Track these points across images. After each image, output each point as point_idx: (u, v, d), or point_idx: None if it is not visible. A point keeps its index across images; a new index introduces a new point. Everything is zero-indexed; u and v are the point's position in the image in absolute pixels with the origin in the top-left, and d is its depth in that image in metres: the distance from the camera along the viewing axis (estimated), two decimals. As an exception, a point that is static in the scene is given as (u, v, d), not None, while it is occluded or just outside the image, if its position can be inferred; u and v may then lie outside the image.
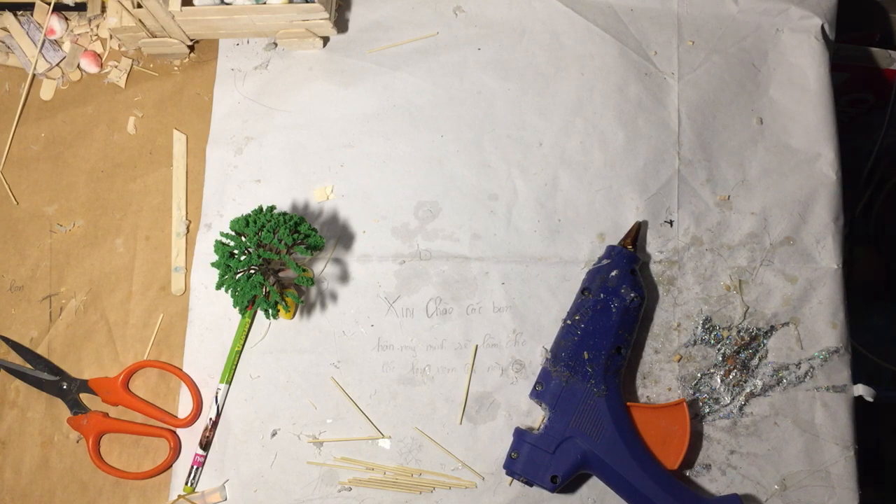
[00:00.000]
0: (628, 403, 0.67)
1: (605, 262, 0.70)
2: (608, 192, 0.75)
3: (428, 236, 0.75)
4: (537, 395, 0.68)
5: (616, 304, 0.68)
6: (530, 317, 0.72)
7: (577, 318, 0.68)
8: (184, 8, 0.73)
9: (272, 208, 0.69)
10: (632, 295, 0.68)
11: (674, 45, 0.78)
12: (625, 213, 0.74)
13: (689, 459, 0.69)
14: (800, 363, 0.71)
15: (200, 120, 0.79)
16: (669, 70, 0.77)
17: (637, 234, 0.71)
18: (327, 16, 0.75)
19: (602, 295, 0.68)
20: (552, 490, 0.66)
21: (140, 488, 0.72)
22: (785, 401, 0.70)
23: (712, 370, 0.71)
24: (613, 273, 0.69)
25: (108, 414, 0.73)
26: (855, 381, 0.70)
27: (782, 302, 0.72)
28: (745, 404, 0.70)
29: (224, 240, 0.68)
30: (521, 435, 0.67)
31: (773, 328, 0.72)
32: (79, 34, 0.82)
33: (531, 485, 0.66)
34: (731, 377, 0.71)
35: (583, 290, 0.70)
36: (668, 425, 0.66)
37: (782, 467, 0.69)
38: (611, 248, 0.71)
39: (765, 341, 0.71)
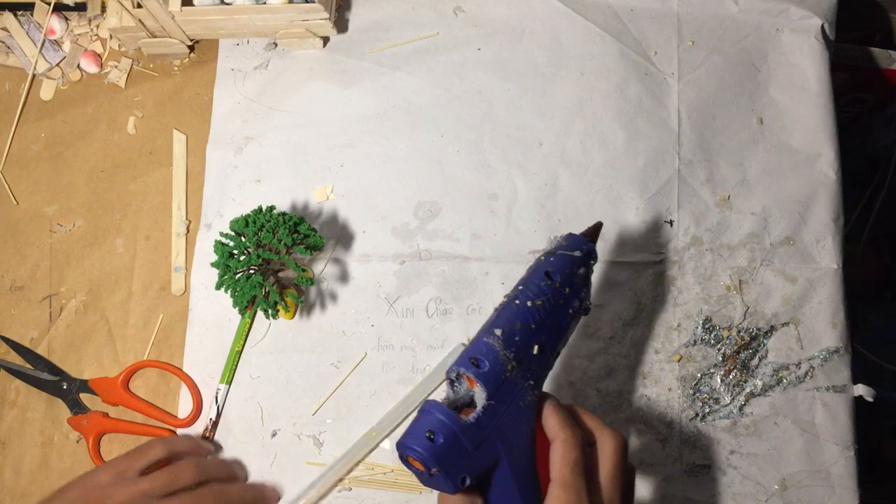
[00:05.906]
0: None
1: (576, 253, 0.57)
2: (608, 192, 0.75)
3: (428, 236, 0.75)
4: (478, 375, 0.50)
5: (574, 305, 0.56)
6: (530, 317, 0.72)
7: (538, 303, 0.54)
8: (184, 8, 0.73)
9: (272, 208, 0.69)
10: (588, 303, 0.57)
11: (674, 45, 0.78)
12: (625, 213, 0.74)
13: None
14: (800, 363, 0.71)
15: (200, 120, 0.79)
16: (669, 70, 0.77)
17: (597, 233, 0.60)
18: (327, 16, 0.75)
19: (567, 289, 0.55)
20: (452, 492, 0.48)
21: (140, 488, 0.72)
22: (785, 401, 0.70)
23: (712, 370, 0.71)
24: (581, 270, 0.57)
25: (108, 414, 0.73)
26: (855, 381, 0.70)
27: (782, 302, 0.72)
28: (745, 404, 0.70)
29: (223, 240, 0.67)
30: (447, 416, 0.48)
31: (773, 328, 0.72)
32: (79, 34, 0.82)
33: (428, 476, 0.48)
34: (731, 377, 0.71)
35: (546, 273, 0.55)
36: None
37: (782, 467, 0.69)
38: (581, 242, 0.58)
39: (765, 341, 0.71)
